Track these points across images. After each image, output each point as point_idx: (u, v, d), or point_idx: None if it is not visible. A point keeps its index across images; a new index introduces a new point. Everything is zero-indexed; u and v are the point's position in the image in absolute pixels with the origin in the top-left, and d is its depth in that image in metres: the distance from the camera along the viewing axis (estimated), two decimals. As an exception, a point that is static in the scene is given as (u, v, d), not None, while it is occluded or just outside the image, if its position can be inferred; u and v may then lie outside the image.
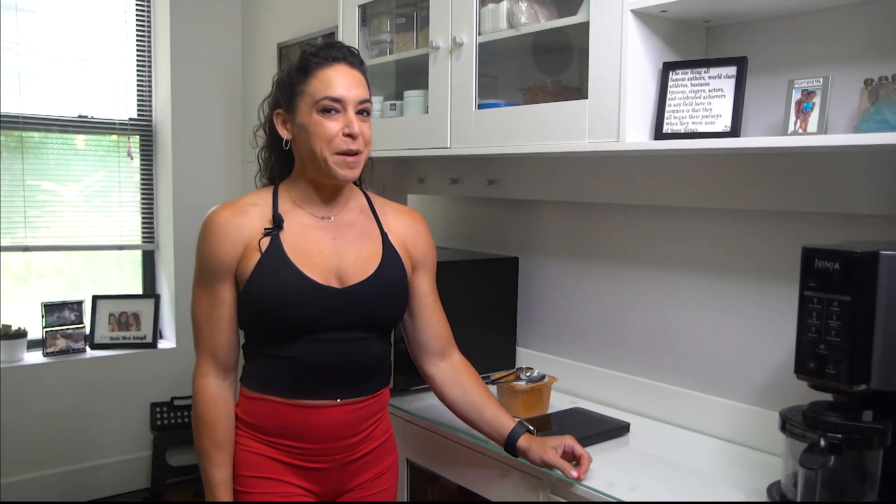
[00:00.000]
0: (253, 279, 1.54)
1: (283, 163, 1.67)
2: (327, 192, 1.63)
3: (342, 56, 1.57)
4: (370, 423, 1.65)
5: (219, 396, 1.59)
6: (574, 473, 1.60)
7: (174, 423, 3.84)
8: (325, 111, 1.53)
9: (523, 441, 1.66)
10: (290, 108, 1.58)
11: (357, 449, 1.63)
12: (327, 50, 1.57)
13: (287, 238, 1.57)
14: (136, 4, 3.88)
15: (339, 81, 1.54)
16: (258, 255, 1.55)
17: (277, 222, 1.58)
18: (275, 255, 1.55)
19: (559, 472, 1.62)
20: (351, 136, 1.53)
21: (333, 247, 1.60)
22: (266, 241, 1.56)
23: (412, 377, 2.18)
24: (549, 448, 1.63)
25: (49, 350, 3.64)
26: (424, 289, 1.73)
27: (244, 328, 1.62)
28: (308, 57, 1.57)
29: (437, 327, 1.75)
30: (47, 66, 3.67)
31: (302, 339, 1.55)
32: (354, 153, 1.55)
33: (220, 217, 1.57)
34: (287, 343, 1.55)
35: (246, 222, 1.57)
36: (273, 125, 1.64)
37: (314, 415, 1.57)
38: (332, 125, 1.53)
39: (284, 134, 1.60)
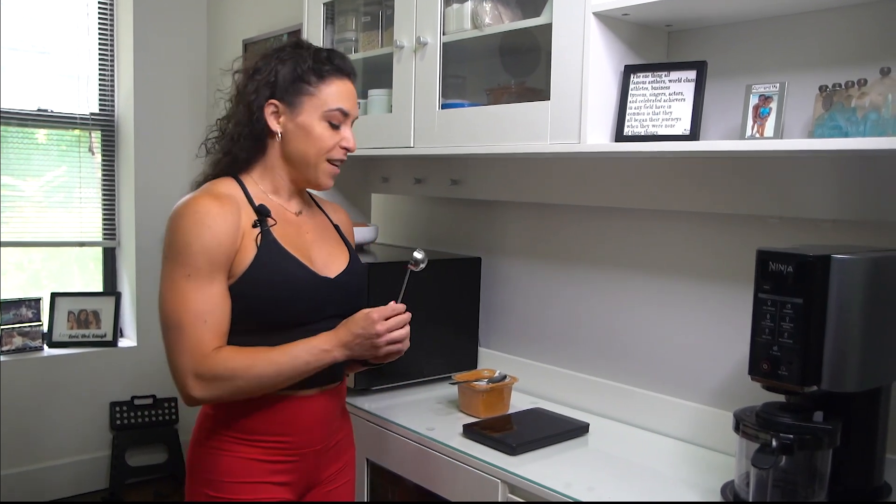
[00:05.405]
0: (251, 274, 1.48)
1: (253, 153, 1.59)
2: (296, 187, 1.65)
3: (351, 71, 1.61)
4: (340, 410, 1.69)
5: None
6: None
7: (134, 423, 3.80)
8: (331, 121, 1.57)
9: None
10: (293, 104, 1.55)
11: (330, 438, 1.65)
12: (342, 60, 1.60)
13: (276, 231, 1.55)
14: (100, -3, 3.83)
15: (350, 96, 1.59)
16: (253, 249, 1.49)
17: (267, 214, 1.54)
18: (273, 248, 1.52)
19: None
20: (347, 149, 1.60)
21: (310, 240, 1.63)
22: (258, 234, 1.51)
23: (373, 377, 2.18)
24: None
25: (5, 348, 3.57)
26: None
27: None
28: (324, 60, 1.57)
29: None
30: (7, 58, 3.59)
31: (298, 330, 1.53)
32: (340, 164, 1.62)
33: (211, 204, 1.46)
34: (282, 335, 1.52)
35: (235, 211, 1.49)
36: (256, 113, 1.55)
37: (305, 404, 1.57)
38: (334, 136, 1.58)
39: (276, 127, 1.56)
